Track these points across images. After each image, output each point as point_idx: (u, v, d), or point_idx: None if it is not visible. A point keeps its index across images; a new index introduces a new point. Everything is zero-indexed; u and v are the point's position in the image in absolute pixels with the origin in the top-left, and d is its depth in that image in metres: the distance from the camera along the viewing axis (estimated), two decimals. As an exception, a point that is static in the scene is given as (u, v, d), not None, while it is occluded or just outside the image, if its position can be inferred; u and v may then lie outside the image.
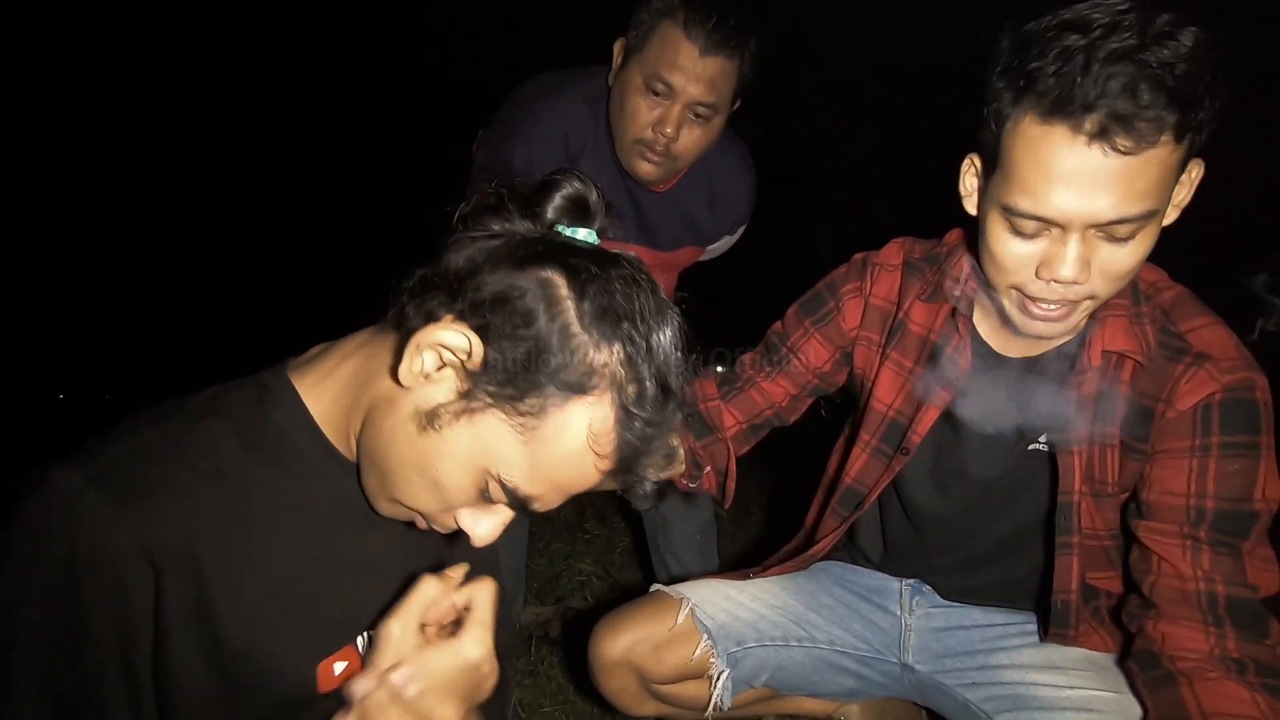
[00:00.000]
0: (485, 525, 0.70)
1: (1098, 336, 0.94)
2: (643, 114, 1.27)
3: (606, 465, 0.67)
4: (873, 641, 1.23)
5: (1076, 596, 1.04)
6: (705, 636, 1.18)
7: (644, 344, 0.65)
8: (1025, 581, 1.15)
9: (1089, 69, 0.74)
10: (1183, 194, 0.86)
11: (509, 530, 0.73)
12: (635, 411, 0.65)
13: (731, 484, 1.23)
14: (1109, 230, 0.80)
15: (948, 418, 1.08)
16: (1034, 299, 0.88)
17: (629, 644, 1.19)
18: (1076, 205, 0.78)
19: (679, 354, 0.67)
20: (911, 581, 1.25)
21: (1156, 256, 0.91)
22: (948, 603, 1.22)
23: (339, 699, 0.66)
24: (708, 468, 1.22)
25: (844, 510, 1.21)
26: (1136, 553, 0.98)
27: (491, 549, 0.74)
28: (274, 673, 0.69)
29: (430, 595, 0.67)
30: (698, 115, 1.27)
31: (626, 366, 0.64)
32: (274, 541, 0.69)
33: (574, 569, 2.33)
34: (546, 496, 0.67)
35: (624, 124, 1.30)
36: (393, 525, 0.74)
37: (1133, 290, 0.95)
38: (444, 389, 0.64)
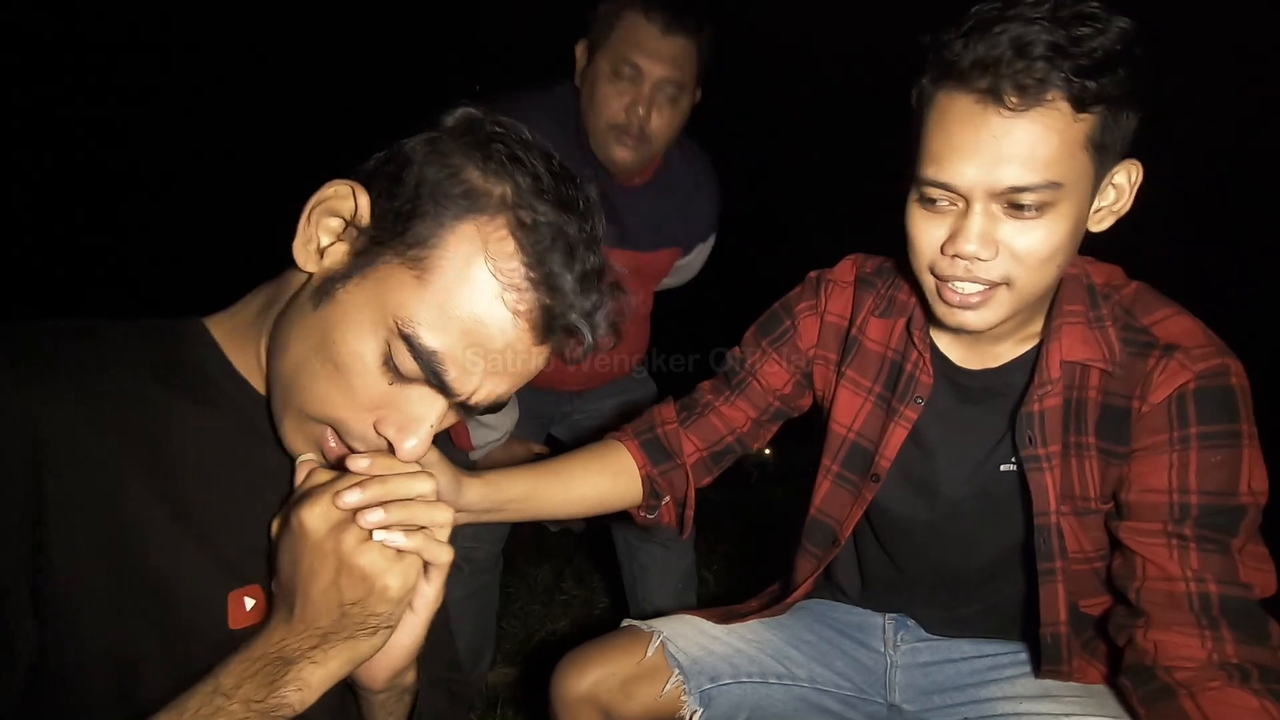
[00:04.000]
0: (412, 422, 0.63)
1: (1055, 347, 0.92)
2: (614, 100, 1.33)
3: (518, 301, 0.61)
4: (856, 680, 1.14)
5: (1066, 629, 0.98)
6: (676, 672, 1.10)
7: (537, 168, 0.62)
8: (1012, 612, 1.08)
9: (988, 31, 0.77)
10: (1114, 198, 0.86)
11: (477, 579, 0.68)
12: (537, 228, 0.60)
13: (690, 513, 1.18)
14: (1011, 200, 0.80)
15: (914, 439, 1.04)
16: (946, 280, 0.87)
17: (595, 680, 1.11)
18: (976, 171, 0.79)
19: (584, 206, 0.65)
20: (895, 616, 1.18)
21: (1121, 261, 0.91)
22: (934, 636, 1.15)
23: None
24: (666, 497, 1.17)
25: (816, 549, 1.16)
26: (1119, 558, 0.92)
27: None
28: (182, 597, 0.62)
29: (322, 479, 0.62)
30: (666, 96, 1.34)
31: (519, 190, 0.62)
32: (181, 460, 0.64)
33: (548, 630, 2.21)
34: (462, 356, 0.61)
35: (597, 113, 1.35)
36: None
37: (1088, 294, 0.94)
38: (339, 258, 0.62)
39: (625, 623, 1.21)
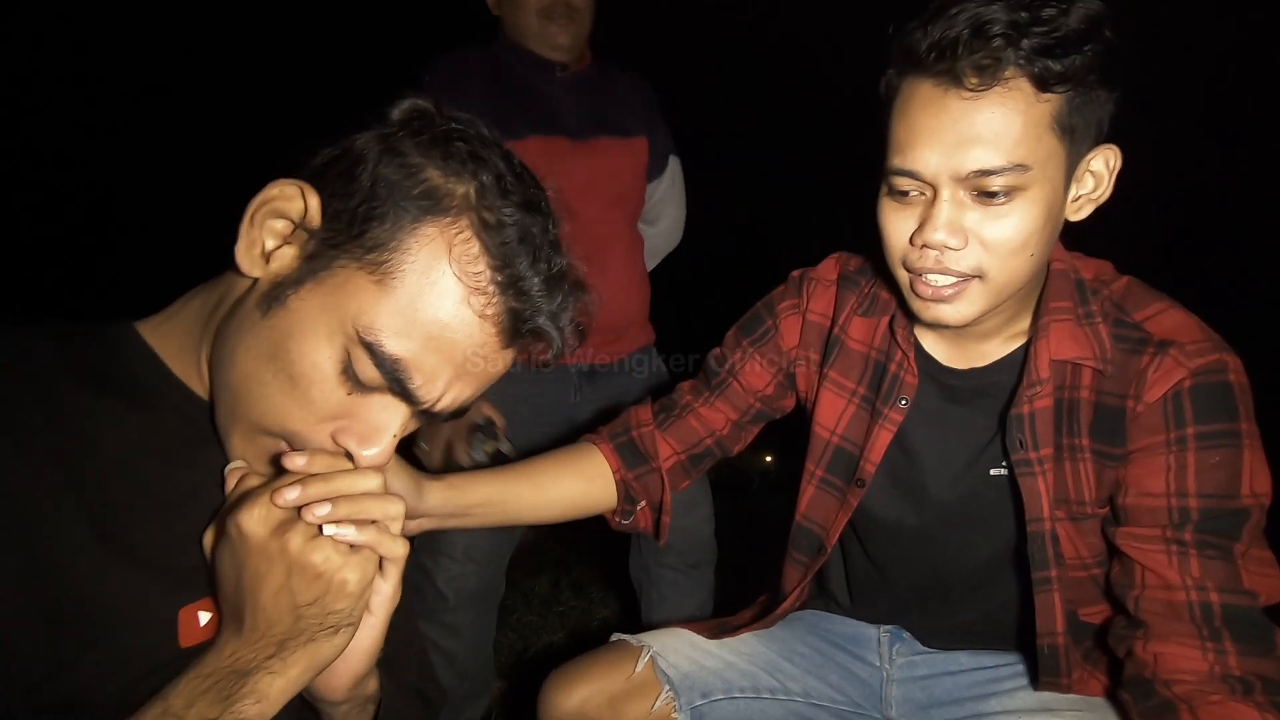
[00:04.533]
0: (373, 432, 0.60)
1: (1043, 345, 0.89)
2: None
3: (485, 305, 0.59)
4: (851, 694, 1.11)
5: (1064, 639, 0.95)
6: (667, 687, 1.07)
7: (499, 166, 0.60)
8: (1008, 621, 1.05)
9: (946, 14, 0.75)
10: (1093, 186, 0.84)
11: (475, 607, 0.65)
12: (501, 228, 0.58)
13: (667, 518, 1.15)
14: (977, 185, 0.77)
15: (900, 441, 1.01)
16: (918, 274, 0.84)
17: (583, 697, 1.08)
18: (939, 156, 0.77)
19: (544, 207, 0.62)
20: (890, 628, 1.15)
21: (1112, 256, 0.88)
22: (930, 649, 1.12)
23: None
24: (642, 502, 1.14)
25: (803, 556, 1.13)
26: (1117, 566, 0.89)
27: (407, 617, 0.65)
28: (124, 621, 0.58)
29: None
30: None
31: (480, 187, 0.59)
32: (114, 475, 0.60)
33: (544, 642, 2.18)
34: (427, 362, 0.59)
35: (525, 11, 1.49)
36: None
37: (1076, 289, 0.91)
38: (287, 262, 0.59)
39: (615, 637, 1.18)
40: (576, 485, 1.10)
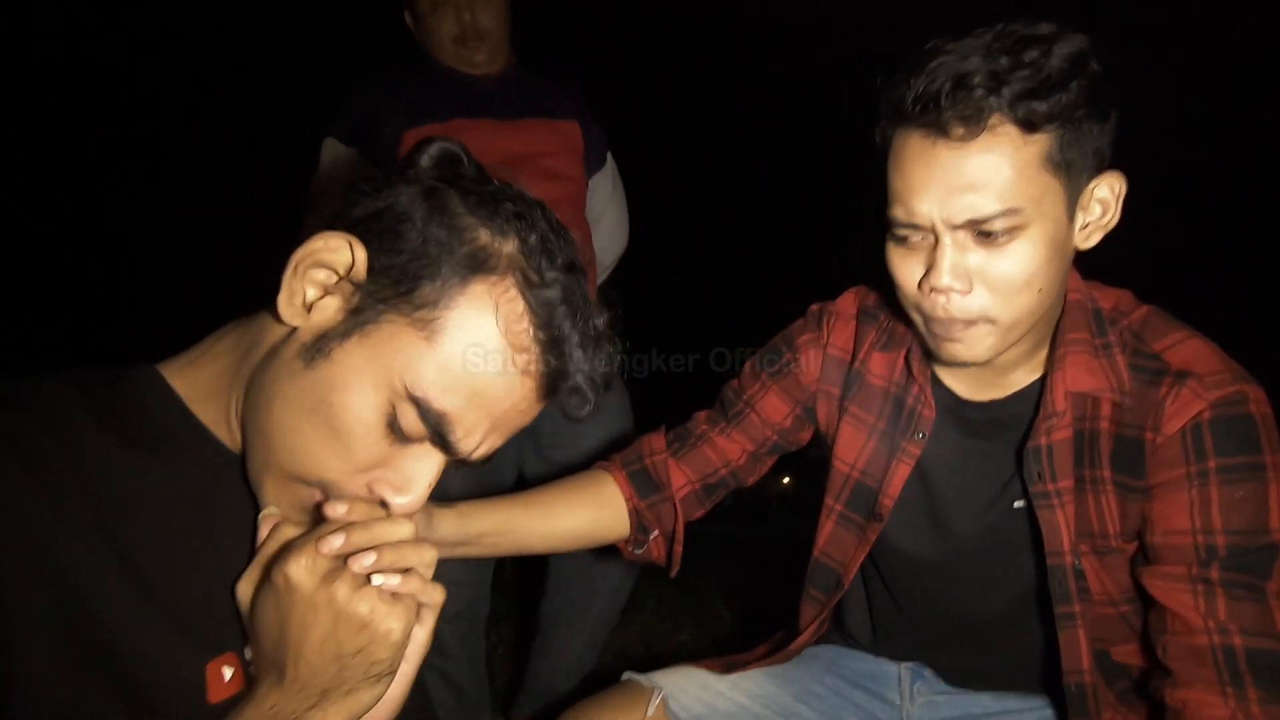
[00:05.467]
0: (409, 482, 0.61)
1: (1059, 377, 0.88)
2: (444, 20, 1.57)
3: (528, 362, 0.60)
4: (870, 736, 1.08)
5: (1091, 677, 0.91)
6: (678, 731, 1.04)
7: (539, 223, 0.61)
8: (1035, 662, 1.01)
9: (927, 67, 0.75)
10: (1100, 213, 0.83)
11: (459, 623, 0.65)
12: (545, 288, 0.59)
13: (679, 548, 1.13)
14: (976, 229, 0.77)
15: (919, 475, 1.00)
16: (930, 319, 0.84)
17: (594, 740, 1.05)
18: (932, 206, 0.78)
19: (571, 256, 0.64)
20: (911, 665, 1.12)
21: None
22: (953, 688, 1.08)
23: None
24: (654, 531, 1.12)
25: (819, 593, 1.10)
26: (1152, 613, 0.86)
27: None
28: (157, 678, 0.58)
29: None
30: None
31: (525, 247, 0.60)
32: (141, 526, 0.59)
33: (544, 681, 2.13)
34: (469, 416, 0.60)
35: (440, 37, 1.58)
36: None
37: (1094, 320, 0.89)
38: (330, 314, 0.59)
39: (625, 676, 1.16)
40: (588, 514, 1.09)
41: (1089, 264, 0.91)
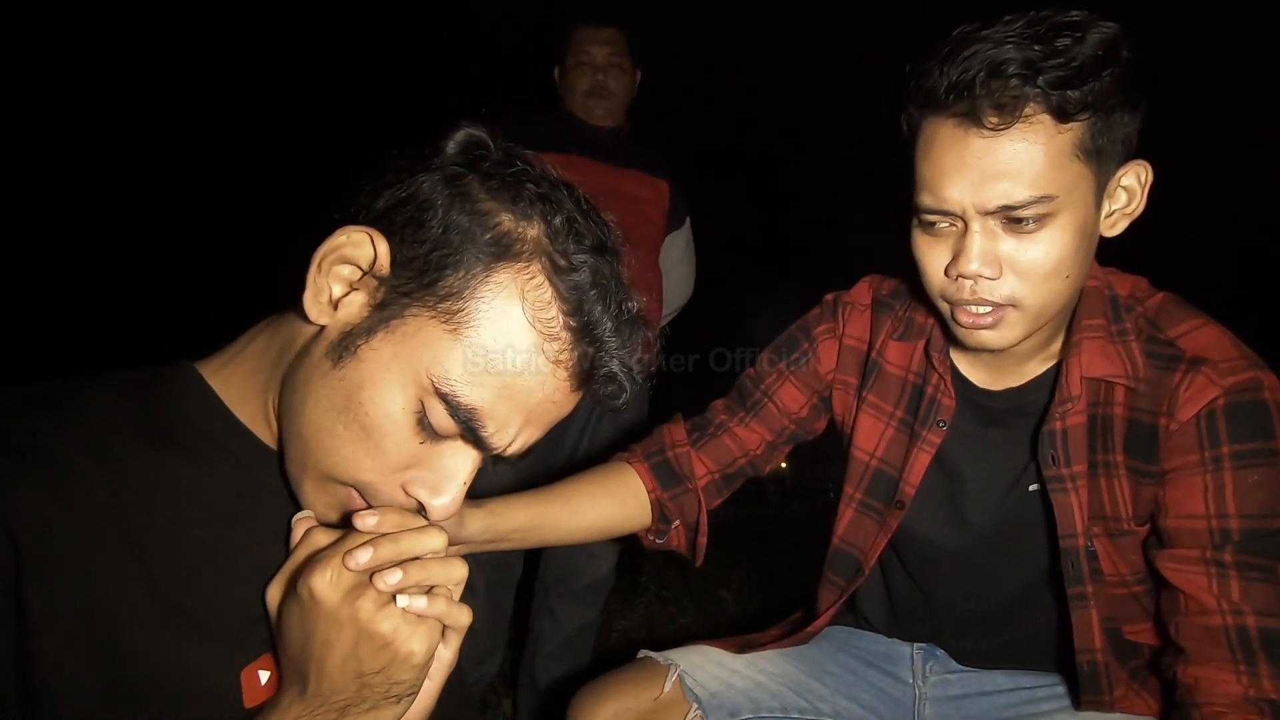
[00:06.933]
0: (444, 482, 0.59)
1: (1075, 363, 0.89)
2: (583, 78, 1.96)
3: (559, 351, 0.58)
4: (883, 713, 1.10)
5: (1104, 655, 0.93)
6: (695, 706, 1.06)
7: (565, 204, 0.59)
8: (1048, 642, 1.03)
9: (961, 55, 0.75)
10: (1125, 201, 0.83)
11: (492, 568, 0.64)
12: (574, 272, 0.57)
13: (703, 539, 1.15)
14: (1006, 216, 0.78)
15: (939, 463, 1.01)
16: (957, 304, 0.85)
17: (610, 715, 1.07)
18: (964, 193, 0.78)
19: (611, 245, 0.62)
20: (924, 646, 1.14)
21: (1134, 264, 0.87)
22: (965, 668, 1.10)
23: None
24: (676, 522, 1.14)
25: (839, 578, 1.12)
26: (1165, 593, 0.88)
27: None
28: (191, 685, 0.57)
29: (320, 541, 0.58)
30: (613, 64, 1.97)
31: (550, 230, 0.58)
32: (176, 538, 0.58)
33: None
34: (500, 410, 0.58)
35: (578, 91, 1.96)
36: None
37: (1110, 307, 0.90)
38: (356, 310, 0.58)
39: (642, 653, 1.18)
40: (610, 506, 1.10)
41: (1106, 250, 0.92)
